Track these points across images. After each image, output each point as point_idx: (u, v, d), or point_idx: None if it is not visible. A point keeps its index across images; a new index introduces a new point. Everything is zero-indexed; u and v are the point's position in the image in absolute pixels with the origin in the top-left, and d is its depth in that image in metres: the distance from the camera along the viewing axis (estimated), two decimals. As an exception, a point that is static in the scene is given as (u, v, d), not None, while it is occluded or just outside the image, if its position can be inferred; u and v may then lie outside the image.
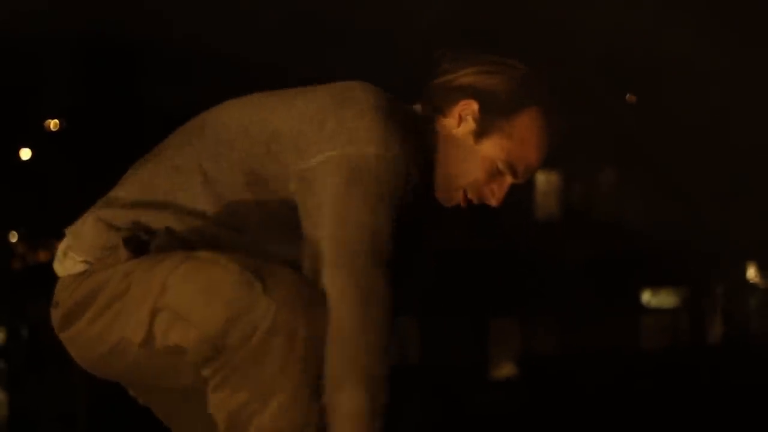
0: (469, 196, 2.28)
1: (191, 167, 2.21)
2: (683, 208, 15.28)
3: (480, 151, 2.25)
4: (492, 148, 2.25)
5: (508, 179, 2.27)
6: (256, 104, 2.27)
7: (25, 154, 18.65)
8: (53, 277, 2.33)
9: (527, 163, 2.26)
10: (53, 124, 19.01)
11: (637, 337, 15.64)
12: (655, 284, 16.48)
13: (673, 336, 15.77)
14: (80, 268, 2.24)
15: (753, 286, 17.67)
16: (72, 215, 2.33)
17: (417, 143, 2.19)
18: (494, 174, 2.26)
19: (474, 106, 2.24)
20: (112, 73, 18.06)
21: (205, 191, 2.20)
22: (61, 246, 2.29)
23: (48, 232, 17.28)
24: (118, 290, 2.16)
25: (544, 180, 18.81)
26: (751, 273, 17.07)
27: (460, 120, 2.25)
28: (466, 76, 2.25)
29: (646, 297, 16.52)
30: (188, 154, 2.23)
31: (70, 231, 2.28)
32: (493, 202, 2.28)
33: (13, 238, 18.98)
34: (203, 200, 2.19)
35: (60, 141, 18.79)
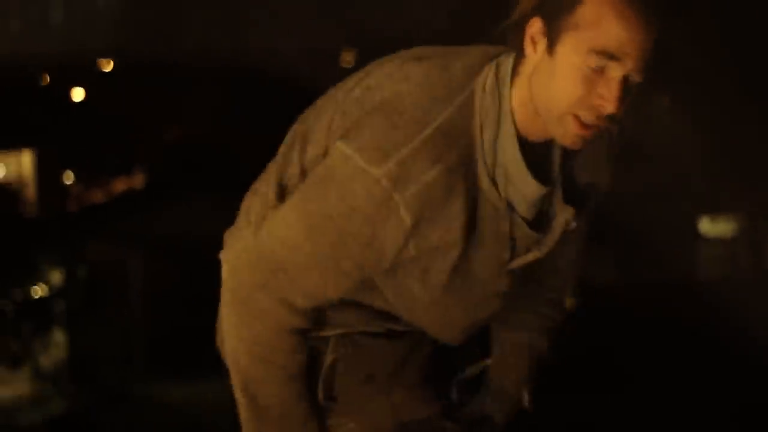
0: (582, 116, 1.90)
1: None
2: (739, 133, 15.12)
3: (558, 62, 1.89)
4: (566, 50, 1.88)
5: (612, 73, 1.87)
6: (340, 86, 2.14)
7: (78, 94, 18.72)
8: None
9: (616, 38, 1.85)
10: (106, 63, 19.06)
11: (695, 267, 15.53)
12: (714, 212, 16.34)
13: (732, 265, 15.64)
14: None
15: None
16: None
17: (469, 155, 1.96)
18: (590, 78, 1.87)
19: (538, 22, 1.90)
20: (164, 12, 18.07)
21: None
22: None
23: (102, 172, 17.40)
24: None
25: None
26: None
27: (534, 46, 1.92)
28: (528, 1, 1.93)
29: (705, 226, 16.39)
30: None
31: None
32: (610, 107, 1.88)
33: (68, 179, 19.09)
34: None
35: (113, 81, 18.87)
